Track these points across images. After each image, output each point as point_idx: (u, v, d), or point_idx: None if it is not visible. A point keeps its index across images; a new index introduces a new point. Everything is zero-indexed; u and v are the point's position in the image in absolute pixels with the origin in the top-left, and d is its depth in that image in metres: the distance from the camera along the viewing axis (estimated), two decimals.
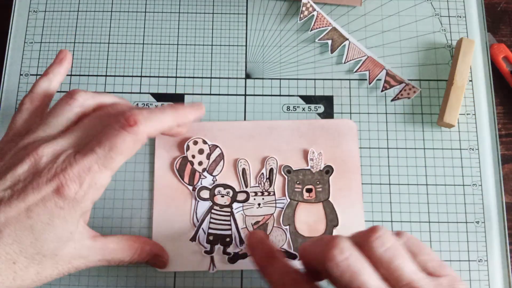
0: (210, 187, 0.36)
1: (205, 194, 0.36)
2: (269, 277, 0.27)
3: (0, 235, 0.24)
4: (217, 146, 0.37)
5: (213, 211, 0.36)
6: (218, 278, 0.35)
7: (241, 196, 0.36)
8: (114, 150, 0.25)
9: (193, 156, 0.37)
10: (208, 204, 0.36)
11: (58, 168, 0.25)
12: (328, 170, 0.37)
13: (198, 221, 0.36)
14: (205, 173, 0.36)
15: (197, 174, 0.36)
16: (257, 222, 0.36)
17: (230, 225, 0.36)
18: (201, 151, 0.37)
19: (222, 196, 0.36)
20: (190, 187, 0.36)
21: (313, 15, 0.40)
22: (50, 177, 0.24)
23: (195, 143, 0.37)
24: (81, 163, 0.25)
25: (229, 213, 0.36)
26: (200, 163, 0.37)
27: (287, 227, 0.36)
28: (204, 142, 0.37)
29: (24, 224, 0.24)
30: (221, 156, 0.37)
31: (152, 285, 0.35)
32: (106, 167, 0.25)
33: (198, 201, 0.36)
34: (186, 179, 0.36)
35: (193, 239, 0.35)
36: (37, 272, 0.26)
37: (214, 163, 0.37)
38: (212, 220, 0.36)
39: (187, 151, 0.37)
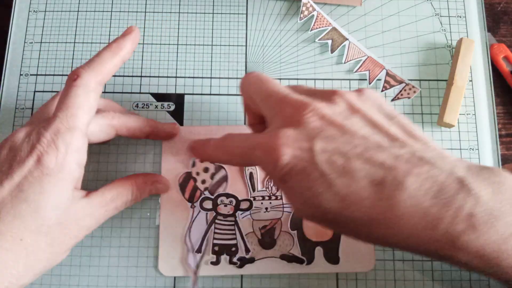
0: (213, 197, 0.36)
1: (207, 204, 0.36)
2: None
3: None
4: (222, 167, 0.36)
5: (217, 221, 0.36)
6: (218, 279, 0.35)
7: (244, 205, 0.36)
8: (71, 107, 0.27)
9: (197, 173, 0.36)
10: (204, 218, 0.36)
11: (33, 140, 0.26)
12: None
13: (191, 241, 0.35)
14: (206, 193, 0.36)
15: (198, 192, 0.36)
16: (265, 226, 0.36)
17: (234, 234, 0.35)
18: (206, 170, 0.36)
19: (225, 206, 0.36)
20: (189, 204, 0.36)
21: (313, 15, 0.40)
22: (29, 150, 0.26)
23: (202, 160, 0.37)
24: (49, 129, 0.27)
25: (233, 222, 0.36)
26: (203, 182, 0.36)
27: (295, 232, 0.36)
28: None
29: (19, 198, 0.26)
30: (225, 178, 0.36)
31: (152, 285, 0.35)
32: (72, 126, 0.27)
33: (193, 220, 0.35)
34: (187, 195, 0.36)
35: (198, 251, 0.35)
36: (48, 243, 0.27)
37: (217, 183, 0.36)
38: (217, 231, 0.35)
39: (192, 167, 0.36)
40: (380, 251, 0.36)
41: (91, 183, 0.37)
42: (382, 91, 0.39)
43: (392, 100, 0.39)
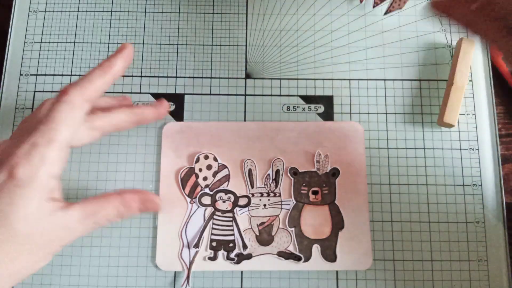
0: (211, 193, 0.36)
1: (206, 200, 0.36)
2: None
3: None
4: (225, 167, 0.37)
5: (215, 217, 0.36)
6: (218, 278, 0.35)
7: (242, 201, 0.36)
8: (54, 122, 0.27)
9: (200, 170, 0.36)
10: (201, 215, 0.36)
11: (11, 152, 0.27)
12: (335, 173, 0.37)
13: (186, 236, 0.35)
14: (207, 190, 0.36)
15: (198, 188, 0.36)
16: (263, 223, 0.36)
17: (232, 230, 0.36)
18: (209, 167, 0.37)
19: (224, 202, 0.36)
20: (188, 199, 0.36)
21: None
22: (3, 161, 0.27)
23: (206, 157, 0.37)
24: (28, 141, 0.27)
25: (231, 218, 0.36)
26: (205, 179, 0.36)
27: (293, 229, 0.36)
28: (215, 159, 0.37)
29: None
30: (227, 178, 0.36)
31: (152, 285, 0.35)
32: (51, 140, 0.27)
33: (191, 216, 0.36)
34: (187, 190, 0.36)
35: (196, 246, 0.35)
36: (19, 253, 0.27)
37: (218, 182, 0.36)
38: (215, 226, 0.36)
39: (195, 163, 0.37)
40: (380, 251, 0.36)
41: (91, 183, 0.37)
42: (373, 7, 0.39)
43: (385, 13, 0.39)
